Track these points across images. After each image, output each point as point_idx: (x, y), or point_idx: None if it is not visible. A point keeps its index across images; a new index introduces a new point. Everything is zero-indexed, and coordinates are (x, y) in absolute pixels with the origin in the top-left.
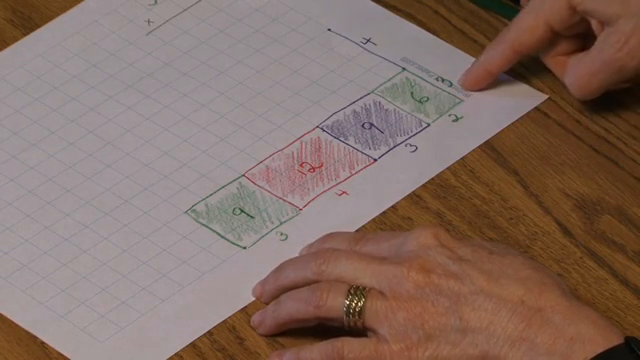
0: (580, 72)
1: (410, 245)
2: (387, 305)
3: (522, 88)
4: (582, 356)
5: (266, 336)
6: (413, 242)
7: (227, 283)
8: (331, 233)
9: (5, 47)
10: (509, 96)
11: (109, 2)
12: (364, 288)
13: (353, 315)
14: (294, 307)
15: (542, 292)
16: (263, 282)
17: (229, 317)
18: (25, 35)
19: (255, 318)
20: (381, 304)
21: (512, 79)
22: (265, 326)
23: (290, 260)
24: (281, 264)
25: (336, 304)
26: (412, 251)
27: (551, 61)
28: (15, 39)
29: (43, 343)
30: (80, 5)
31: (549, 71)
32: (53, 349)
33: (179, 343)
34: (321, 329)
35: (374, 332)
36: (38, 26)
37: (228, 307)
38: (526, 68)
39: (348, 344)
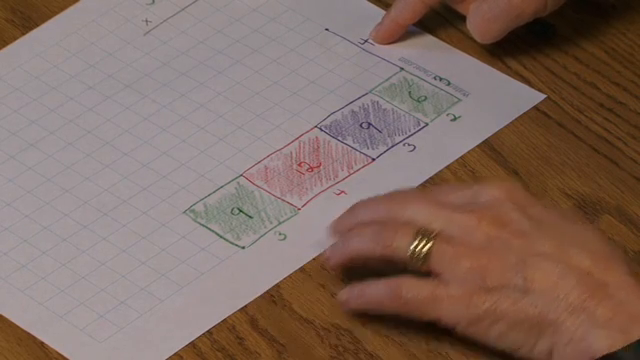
0: (479, 19)
1: (483, 197)
2: (453, 251)
3: (521, 87)
4: None
5: (335, 271)
6: (486, 195)
7: (226, 283)
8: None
9: (5, 47)
10: (508, 95)
11: (106, 2)
12: (432, 232)
13: (418, 258)
14: (361, 243)
15: (609, 267)
16: (338, 219)
17: (229, 317)
18: (25, 35)
19: (326, 252)
20: (447, 249)
21: (511, 79)
22: (333, 259)
23: (364, 200)
24: (355, 203)
25: (402, 245)
26: (485, 203)
27: (458, 6)
28: (15, 39)
29: (43, 343)
30: (77, 5)
31: (549, 70)
32: (53, 349)
33: (179, 343)
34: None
35: (436, 276)
36: (38, 26)
37: (227, 307)
38: (525, 68)
39: (408, 283)
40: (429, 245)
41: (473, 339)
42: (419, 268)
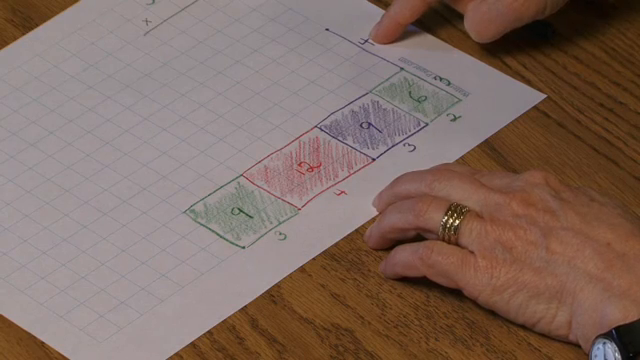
0: (477, 19)
1: (520, 182)
2: (482, 226)
3: (521, 87)
4: None
5: (375, 249)
6: (523, 180)
7: (226, 283)
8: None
9: (5, 47)
10: (508, 95)
11: (106, 2)
12: (464, 207)
13: (448, 230)
14: (396, 216)
15: (629, 240)
16: (381, 192)
17: (229, 317)
18: (25, 35)
19: (366, 232)
20: (476, 224)
21: (511, 79)
22: (371, 238)
23: (408, 172)
24: (396, 178)
25: (435, 217)
26: (519, 186)
27: (457, 4)
28: (15, 39)
29: (43, 343)
30: (78, 4)
31: (549, 70)
32: (53, 349)
33: (179, 343)
34: None
35: (465, 248)
36: (38, 26)
37: (227, 307)
38: (526, 68)
39: (439, 246)
40: (459, 220)
41: (495, 311)
42: (449, 239)
